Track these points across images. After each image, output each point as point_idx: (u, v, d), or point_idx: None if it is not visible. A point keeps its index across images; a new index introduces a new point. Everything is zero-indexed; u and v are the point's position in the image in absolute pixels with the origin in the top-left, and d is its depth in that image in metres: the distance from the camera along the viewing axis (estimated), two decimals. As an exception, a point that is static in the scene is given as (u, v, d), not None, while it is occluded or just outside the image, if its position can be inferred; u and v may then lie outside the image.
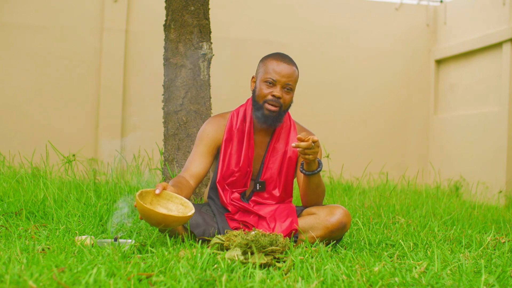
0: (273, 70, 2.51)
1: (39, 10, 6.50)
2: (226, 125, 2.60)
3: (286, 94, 2.53)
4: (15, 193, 3.26)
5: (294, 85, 2.56)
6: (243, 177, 2.57)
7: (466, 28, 7.00)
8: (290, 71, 2.53)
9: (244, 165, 2.56)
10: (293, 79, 2.53)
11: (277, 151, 2.60)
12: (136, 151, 3.97)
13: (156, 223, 2.16)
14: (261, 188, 2.58)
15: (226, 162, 2.56)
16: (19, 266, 1.75)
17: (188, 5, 3.35)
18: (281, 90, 2.52)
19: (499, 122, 6.25)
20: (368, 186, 5.21)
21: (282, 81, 2.51)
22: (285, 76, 2.51)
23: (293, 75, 2.54)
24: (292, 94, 2.55)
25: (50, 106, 6.48)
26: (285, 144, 2.61)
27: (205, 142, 2.58)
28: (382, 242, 2.61)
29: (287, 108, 2.57)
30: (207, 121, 2.65)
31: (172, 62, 3.36)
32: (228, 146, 2.57)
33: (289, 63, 2.55)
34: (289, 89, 2.53)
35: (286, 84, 2.52)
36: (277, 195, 2.58)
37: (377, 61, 7.43)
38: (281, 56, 2.57)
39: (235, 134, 2.58)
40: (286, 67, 2.52)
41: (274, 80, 2.51)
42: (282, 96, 2.52)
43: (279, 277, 1.76)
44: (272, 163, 2.59)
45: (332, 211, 2.43)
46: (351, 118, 7.34)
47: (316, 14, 7.31)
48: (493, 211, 4.25)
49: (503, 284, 1.85)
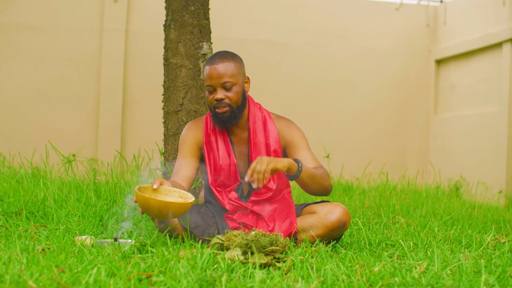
0: (207, 77, 2.48)
1: (39, 11, 6.50)
2: (203, 127, 2.61)
3: (229, 92, 2.48)
4: (15, 193, 3.26)
5: (233, 79, 2.48)
6: (229, 173, 2.56)
7: (466, 28, 7.00)
8: (221, 70, 2.46)
9: (225, 160, 2.55)
10: (228, 75, 2.47)
11: (259, 145, 2.57)
12: (136, 151, 3.97)
13: (158, 213, 2.14)
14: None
15: (212, 163, 2.57)
16: (19, 266, 1.75)
17: (188, 5, 3.35)
18: (221, 92, 2.47)
19: (499, 122, 6.25)
20: (368, 186, 5.21)
21: (218, 83, 2.47)
22: (218, 77, 2.46)
23: (227, 71, 2.47)
24: (236, 88, 2.49)
25: (50, 106, 6.48)
26: (264, 137, 2.58)
27: (186, 146, 2.59)
28: (382, 242, 2.61)
29: (239, 103, 2.51)
30: (185, 128, 2.66)
31: (172, 62, 3.36)
32: (209, 148, 2.58)
33: (219, 62, 2.48)
34: (229, 86, 2.47)
35: (223, 84, 2.47)
36: (274, 188, 2.56)
37: (377, 61, 7.42)
38: (212, 58, 2.51)
39: (211, 135, 2.59)
40: (216, 67, 2.47)
41: (211, 85, 2.48)
42: (226, 96, 2.47)
43: (279, 277, 1.76)
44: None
45: (332, 210, 2.43)
46: (351, 118, 7.34)
47: (316, 14, 7.31)
48: (493, 211, 4.25)
49: (503, 284, 1.85)
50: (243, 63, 2.56)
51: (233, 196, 2.54)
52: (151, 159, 3.98)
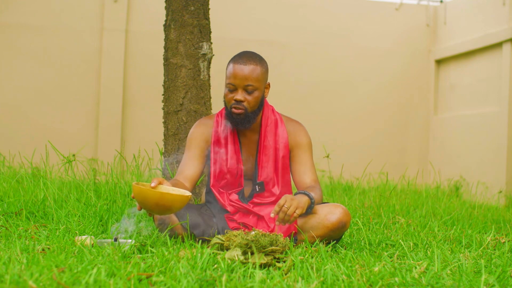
0: (231, 74, 2.44)
1: (39, 11, 6.50)
2: (212, 126, 2.58)
3: (249, 95, 2.44)
4: (15, 193, 3.26)
5: (257, 84, 2.44)
6: (235, 177, 2.56)
7: (466, 28, 7.00)
8: (248, 71, 2.42)
9: (232, 164, 2.54)
10: (253, 79, 2.43)
11: (268, 149, 2.56)
12: (136, 151, 3.97)
13: (154, 205, 2.12)
14: (260, 189, 2.56)
15: (218, 164, 2.55)
16: (19, 266, 1.75)
17: (188, 5, 3.35)
18: (242, 93, 2.44)
19: (499, 122, 6.25)
20: (368, 186, 5.20)
21: (241, 84, 2.43)
22: (243, 78, 2.42)
23: (253, 75, 2.43)
24: (257, 93, 2.45)
25: (50, 106, 6.48)
26: (274, 141, 2.57)
27: (195, 145, 2.56)
28: (382, 242, 2.61)
29: (255, 108, 2.48)
30: (194, 125, 2.63)
31: (172, 62, 3.36)
32: (216, 148, 2.56)
33: (247, 63, 2.44)
34: (251, 90, 2.44)
35: (246, 86, 2.43)
36: (277, 193, 2.57)
37: (377, 61, 7.42)
38: (239, 57, 2.47)
39: (221, 135, 2.56)
40: (243, 68, 2.42)
41: (233, 85, 2.44)
42: (245, 99, 2.44)
43: (279, 277, 1.76)
44: (266, 162, 2.56)
45: (332, 210, 2.43)
46: (351, 118, 7.33)
47: (316, 14, 7.31)
48: (493, 211, 4.25)
49: (503, 284, 1.85)
50: (268, 68, 2.52)
51: (234, 198, 2.54)
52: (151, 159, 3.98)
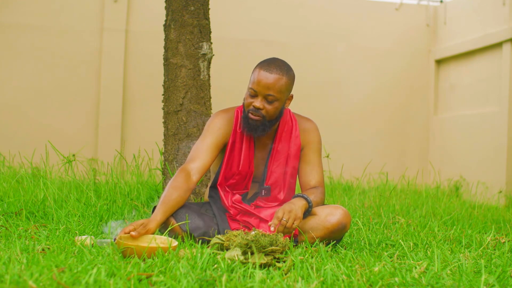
0: (255, 80, 2.42)
1: (39, 11, 6.50)
2: (233, 123, 2.56)
3: (269, 104, 2.42)
4: (15, 193, 3.26)
5: (279, 95, 2.41)
6: (244, 179, 2.56)
7: (466, 28, 7.00)
8: (272, 81, 2.39)
9: (244, 167, 2.53)
10: (275, 89, 2.40)
11: (280, 154, 2.56)
12: (136, 151, 3.97)
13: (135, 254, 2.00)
14: (266, 193, 2.55)
15: (229, 164, 2.54)
16: (19, 266, 1.75)
17: (188, 5, 3.35)
18: (262, 101, 2.42)
19: (499, 122, 6.25)
20: (368, 186, 5.21)
21: (262, 92, 2.40)
22: (265, 87, 2.39)
23: (276, 85, 2.40)
24: (277, 103, 2.43)
25: (50, 106, 6.48)
26: (287, 147, 2.57)
27: (216, 136, 2.52)
28: (382, 242, 2.61)
29: (272, 118, 2.46)
30: (215, 115, 2.58)
31: (172, 62, 3.36)
32: (232, 147, 2.55)
33: (273, 72, 2.41)
34: (272, 100, 2.41)
35: (267, 95, 2.41)
36: (281, 198, 2.58)
37: (377, 61, 7.42)
38: (267, 64, 2.44)
39: (238, 135, 2.55)
40: (268, 77, 2.39)
41: (255, 91, 2.42)
42: (264, 107, 2.42)
43: (279, 277, 1.76)
44: (276, 167, 2.56)
45: (332, 212, 2.43)
46: (351, 118, 7.33)
47: (316, 13, 7.31)
48: (493, 211, 4.25)
49: (503, 284, 1.85)
50: (294, 79, 2.48)
51: (237, 199, 2.54)
52: (151, 159, 3.98)
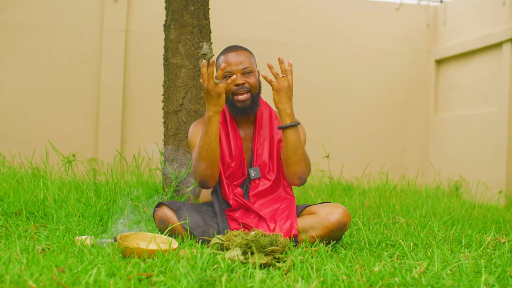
0: (226, 64, 2.50)
1: (39, 10, 6.50)
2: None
3: (248, 77, 2.54)
4: (15, 193, 3.25)
5: (252, 67, 2.55)
6: (239, 167, 2.58)
7: (466, 28, 7.00)
8: (242, 57, 2.53)
9: (236, 154, 2.57)
10: (248, 62, 2.54)
11: (263, 138, 2.61)
12: (136, 151, 3.97)
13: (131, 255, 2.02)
14: (256, 174, 2.57)
15: (223, 156, 2.57)
16: (19, 266, 1.75)
17: (188, 5, 3.35)
18: (241, 77, 2.52)
19: (499, 122, 6.25)
20: (368, 186, 5.20)
21: (238, 70, 2.52)
22: (238, 63, 2.52)
23: (246, 59, 2.54)
24: (255, 76, 2.55)
25: (50, 106, 6.48)
26: (270, 130, 2.62)
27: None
28: (382, 242, 2.61)
29: (257, 90, 2.57)
30: (192, 126, 2.65)
31: (172, 62, 3.36)
32: (220, 140, 2.58)
33: (238, 50, 2.55)
34: (249, 72, 2.54)
35: (243, 69, 2.52)
36: (272, 178, 2.57)
37: (377, 61, 7.42)
38: (229, 48, 2.58)
39: (221, 129, 2.59)
40: (236, 55, 2.54)
41: (231, 72, 2.51)
42: (246, 81, 2.53)
43: (279, 277, 1.76)
44: (261, 150, 2.60)
45: (332, 211, 2.43)
46: (351, 118, 7.33)
47: (317, 13, 7.31)
48: (493, 211, 4.25)
49: (503, 284, 1.85)
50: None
51: (239, 193, 2.54)
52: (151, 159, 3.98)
